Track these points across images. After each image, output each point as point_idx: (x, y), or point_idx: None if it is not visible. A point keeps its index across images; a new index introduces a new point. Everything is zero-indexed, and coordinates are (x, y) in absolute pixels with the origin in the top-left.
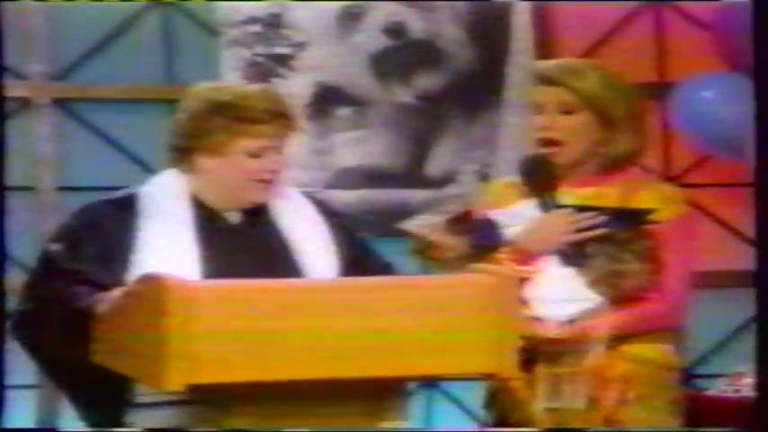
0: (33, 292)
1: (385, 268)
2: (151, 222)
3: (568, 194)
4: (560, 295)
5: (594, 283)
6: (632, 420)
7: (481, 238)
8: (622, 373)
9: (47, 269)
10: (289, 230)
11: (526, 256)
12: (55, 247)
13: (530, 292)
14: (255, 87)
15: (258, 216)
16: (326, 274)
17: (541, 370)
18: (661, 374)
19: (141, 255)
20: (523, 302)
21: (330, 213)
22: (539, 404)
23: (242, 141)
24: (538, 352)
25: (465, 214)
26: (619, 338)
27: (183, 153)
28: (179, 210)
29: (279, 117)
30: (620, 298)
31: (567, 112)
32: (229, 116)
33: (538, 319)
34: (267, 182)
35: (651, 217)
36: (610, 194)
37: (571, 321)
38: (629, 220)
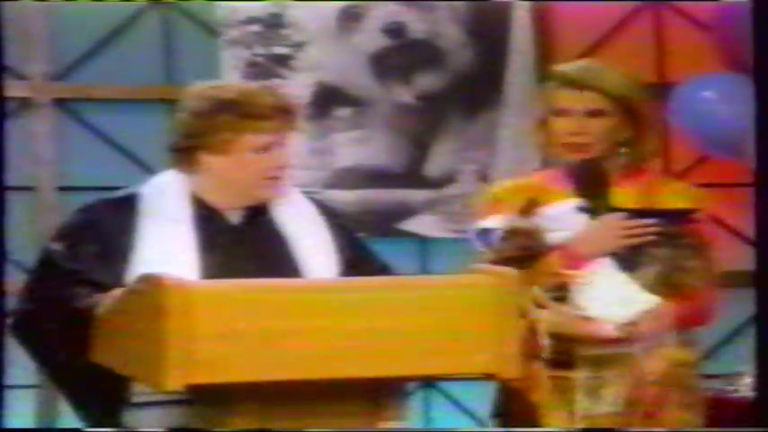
0: (33, 292)
1: (384, 270)
2: (151, 222)
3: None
4: (616, 298)
5: (652, 285)
6: (669, 422)
7: (528, 243)
8: (662, 374)
9: (47, 269)
10: (289, 231)
11: (577, 259)
12: (55, 246)
13: (582, 294)
14: (256, 85)
15: (258, 216)
16: (326, 275)
17: (580, 374)
18: (689, 375)
19: (141, 254)
20: (576, 306)
21: (330, 214)
22: (575, 408)
23: (248, 138)
24: (576, 355)
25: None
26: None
27: (186, 153)
28: (179, 209)
29: (282, 112)
30: (677, 298)
31: (595, 115)
32: (235, 113)
33: (590, 320)
34: (275, 178)
35: (691, 216)
36: (631, 195)
37: (629, 323)
38: (675, 221)
